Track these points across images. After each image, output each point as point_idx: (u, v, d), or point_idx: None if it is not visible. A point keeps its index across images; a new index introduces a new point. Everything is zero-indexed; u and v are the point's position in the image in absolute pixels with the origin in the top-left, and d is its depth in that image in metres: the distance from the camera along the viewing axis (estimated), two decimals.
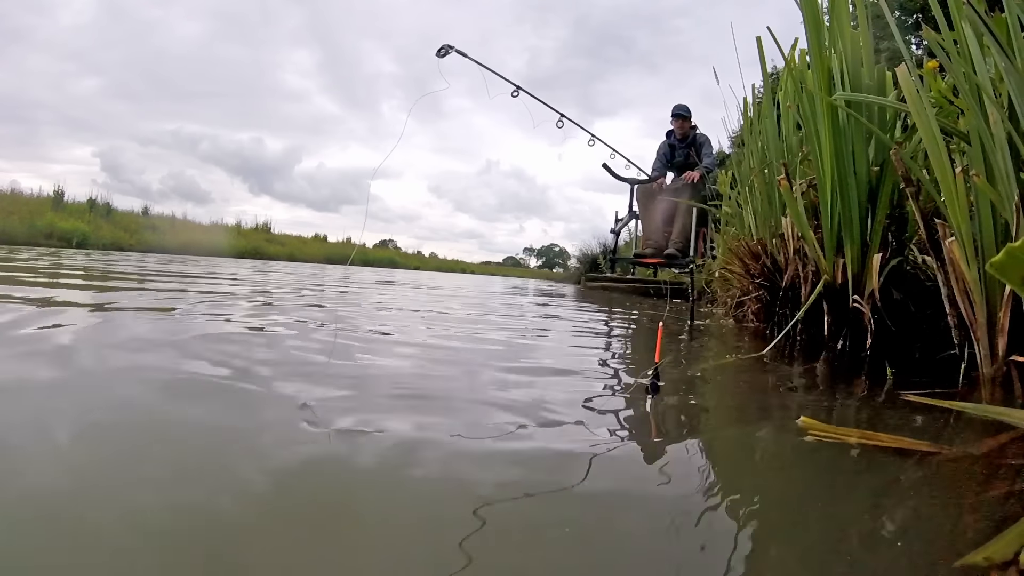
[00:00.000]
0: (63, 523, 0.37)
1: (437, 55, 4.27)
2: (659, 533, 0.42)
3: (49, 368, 0.77)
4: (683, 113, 4.99)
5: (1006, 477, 0.56)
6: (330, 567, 0.35)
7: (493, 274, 24.91)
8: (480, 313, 2.31)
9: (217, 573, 0.34)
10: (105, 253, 8.06)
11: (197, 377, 0.77)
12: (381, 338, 1.31)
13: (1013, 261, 0.47)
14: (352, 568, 0.35)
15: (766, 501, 0.50)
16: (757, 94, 2.55)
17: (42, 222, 10.34)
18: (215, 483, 0.45)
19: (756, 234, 2.13)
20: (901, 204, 1.49)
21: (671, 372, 1.05)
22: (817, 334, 1.57)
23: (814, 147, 1.53)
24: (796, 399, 0.94)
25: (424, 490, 0.47)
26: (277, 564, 0.35)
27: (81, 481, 0.44)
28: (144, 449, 0.51)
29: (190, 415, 0.61)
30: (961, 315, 1.10)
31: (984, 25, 0.99)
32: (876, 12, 1.48)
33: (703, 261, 3.92)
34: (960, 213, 1.07)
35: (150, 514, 0.39)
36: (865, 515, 0.47)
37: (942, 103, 1.33)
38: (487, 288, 5.28)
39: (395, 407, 0.70)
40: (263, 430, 0.59)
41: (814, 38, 1.47)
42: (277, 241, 16.89)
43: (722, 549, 0.40)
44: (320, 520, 0.40)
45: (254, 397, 0.69)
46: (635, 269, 5.74)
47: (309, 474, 0.48)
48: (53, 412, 0.59)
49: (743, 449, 0.66)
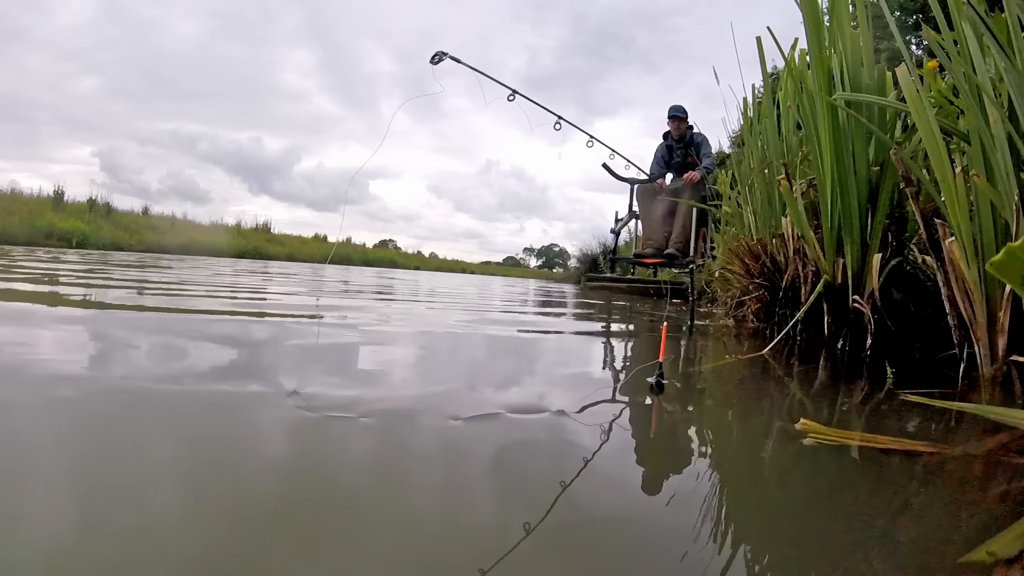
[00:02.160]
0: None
1: (431, 62, 4.26)
2: (654, 538, 0.42)
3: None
4: (679, 114, 4.99)
5: (1006, 476, 0.56)
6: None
7: (493, 274, 24.91)
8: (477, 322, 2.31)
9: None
10: (103, 253, 8.06)
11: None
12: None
13: (1013, 261, 0.47)
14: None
15: (765, 501, 0.50)
16: (757, 94, 2.56)
17: (42, 222, 10.33)
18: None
19: (756, 234, 2.13)
20: (901, 204, 1.49)
21: (671, 372, 1.05)
22: (817, 334, 1.57)
23: (814, 147, 1.54)
24: (796, 399, 0.94)
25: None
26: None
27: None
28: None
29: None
30: (961, 315, 1.10)
31: (984, 25, 0.99)
32: (876, 12, 1.49)
33: (703, 261, 3.92)
34: (960, 213, 1.07)
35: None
36: (867, 515, 0.47)
37: (942, 103, 1.33)
38: (488, 289, 5.28)
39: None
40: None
41: (814, 38, 1.47)
42: (277, 241, 16.90)
43: (720, 550, 0.40)
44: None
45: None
46: (635, 269, 5.73)
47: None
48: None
49: (743, 451, 0.66)
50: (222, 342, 1.04)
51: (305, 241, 18.00)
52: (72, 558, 0.33)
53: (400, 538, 0.38)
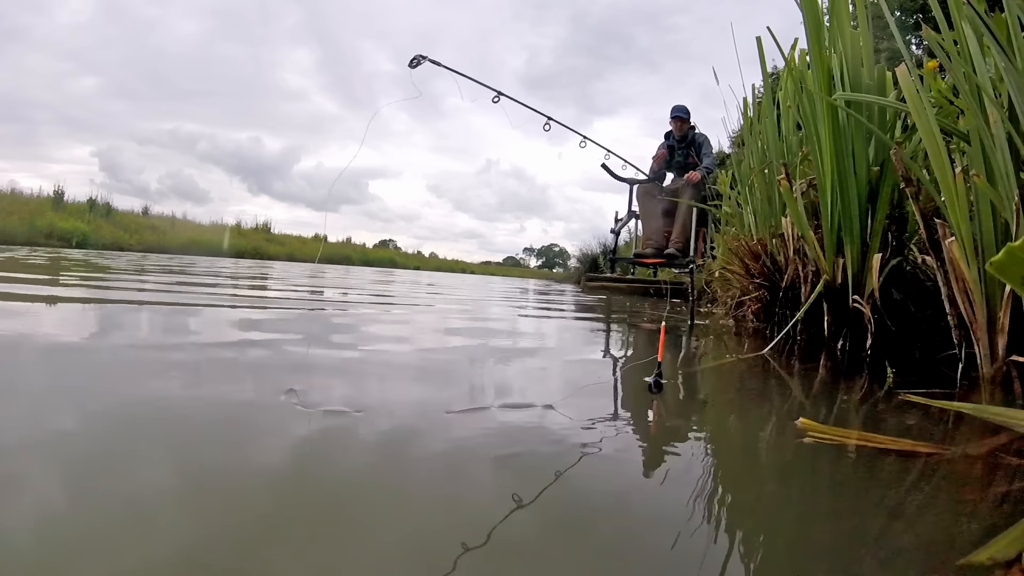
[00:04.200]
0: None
1: (410, 66, 4.22)
2: (650, 537, 0.42)
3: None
4: (681, 115, 4.99)
5: (1006, 476, 0.56)
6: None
7: (493, 274, 24.90)
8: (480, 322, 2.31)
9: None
10: (99, 253, 8.06)
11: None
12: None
13: (1013, 260, 0.47)
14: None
15: (765, 502, 0.50)
16: (757, 94, 2.55)
17: (42, 222, 10.33)
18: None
19: (756, 234, 2.13)
20: (901, 204, 1.49)
21: (670, 372, 1.05)
22: (817, 334, 1.57)
23: (814, 147, 1.54)
24: (795, 399, 0.94)
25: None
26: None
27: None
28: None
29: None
30: (961, 315, 1.10)
31: (984, 25, 0.99)
32: (876, 12, 1.48)
33: (703, 261, 3.92)
34: (960, 213, 1.07)
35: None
36: (865, 516, 0.47)
37: (942, 103, 1.33)
38: (489, 288, 5.28)
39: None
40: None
41: (814, 38, 1.47)
42: (277, 241, 16.91)
43: (717, 552, 0.40)
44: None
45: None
46: (635, 269, 5.73)
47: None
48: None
49: (742, 451, 0.66)
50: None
51: (305, 241, 18.00)
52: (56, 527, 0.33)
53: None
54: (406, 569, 0.35)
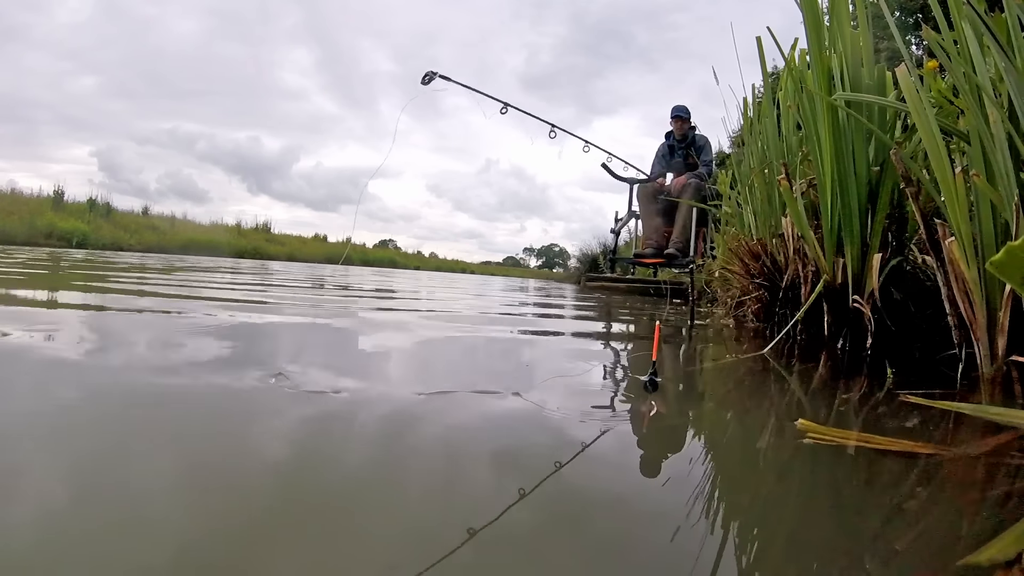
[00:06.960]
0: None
1: (422, 83, 4.30)
2: (648, 537, 0.42)
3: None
4: (682, 114, 5.00)
5: (1006, 477, 0.56)
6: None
7: (493, 274, 24.91)
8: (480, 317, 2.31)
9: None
10: (98, 253, 8.05)
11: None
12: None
13: (1013, 260, 0.47)
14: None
15: (763, 502, 0.50)
16: (757, 94, 2.55)
17: (42, 222, 10.34)
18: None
19: (756, 234, 2.13)
20: (901, 204, 1.49)
21: (670, 371, 1.05)
22: (817, 334, 1.57)
23: (814, 147, 1.53)
24: (795, 399, 0.94)
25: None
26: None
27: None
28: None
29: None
30: (961, 315, 1.10)
31: (984, 25, 0.99)
32: (876, 12, 1.48)
33: (703, 261, 3.91)
34: (960, 213, 1.07)
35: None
36: (864, 516, 0.47)
37: (942, 103, 1.33)
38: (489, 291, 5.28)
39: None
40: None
41: (814, 38, 1.47)
42: (277, 241, 16.92)
43: (715, 552, 0.40)
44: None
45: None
46: (635, 269, 5.73)
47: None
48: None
49: (740, 452, 0.66)
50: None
51: (305, 241, 18.02)
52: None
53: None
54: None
